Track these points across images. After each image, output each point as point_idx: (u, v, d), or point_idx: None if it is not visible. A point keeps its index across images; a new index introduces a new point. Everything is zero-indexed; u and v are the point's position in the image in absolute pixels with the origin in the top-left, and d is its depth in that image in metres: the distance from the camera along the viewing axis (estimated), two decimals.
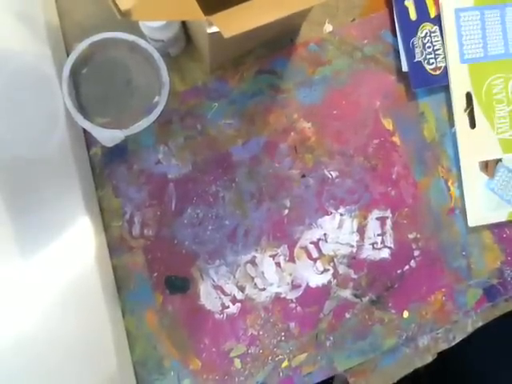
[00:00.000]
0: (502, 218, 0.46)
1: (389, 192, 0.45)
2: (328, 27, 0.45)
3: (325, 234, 0.45)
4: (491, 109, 0.45)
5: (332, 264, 0.45)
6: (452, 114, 0.46)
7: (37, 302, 0.32)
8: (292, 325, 0.44)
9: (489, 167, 0.46)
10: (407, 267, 0.45)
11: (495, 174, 0.46)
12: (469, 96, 0.45)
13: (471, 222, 0.45)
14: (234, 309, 0.44)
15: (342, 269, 0.45)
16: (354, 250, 0.45)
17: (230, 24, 0.29)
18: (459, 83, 0.45)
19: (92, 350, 0.37)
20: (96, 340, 0.38)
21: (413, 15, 0.45)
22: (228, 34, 0.29)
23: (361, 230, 0.45)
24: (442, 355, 0.46)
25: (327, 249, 0.45)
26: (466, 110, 0.45)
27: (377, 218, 0.45)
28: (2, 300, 0.28)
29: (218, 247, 0.44)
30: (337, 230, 0.45)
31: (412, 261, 0.45)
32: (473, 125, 0.45)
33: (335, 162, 0.45)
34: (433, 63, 0.45)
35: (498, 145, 0.45)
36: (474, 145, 0.45)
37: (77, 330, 0.35)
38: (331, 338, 0.44)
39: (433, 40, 0.45)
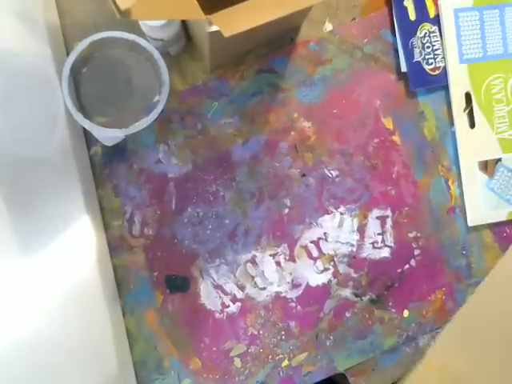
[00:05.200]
0: (501, 217, 0.46)
1: (389, 191, 0.45)
2: (328, 26, 0.45)
3: (325, 233, 0.45)
4: (490, 109, 0.45)
5: (332, 263, 0.45)
6: (452, 114, 0.46)
7: (37, 301, 0.32)
8: (292, 324, 0.44)
9: (488, 167, 0.46)
10: (407, 266, 0.45)
11: (495, 174, 0.46)
12: (468, 96, 0.45)
13: (471, 222, 0.45)
14: (234, 308, 0.44)
15: (342, 268, 0.45)
16: (355, 249, 0.45)
17: (230, 23, 0.29)
18: (458, 83, 0.45)
19: (92, 350, 0.37)
20: (96, 339, 0.38)
21: (412, 15, 0.45)
22: (228, 33, 0.29)
23: (361, 229, 0.45)
24: None
25: (327, 248, 0.45)
26: (465, 110, 0.45)
27: (377, 217, 0.45)
28: (2, 300, 0.28)
29: (218, 246, 0.44)
30: (337, 229, 0.45)
31: (412, 260, 0.45)
32: (472, 125, 0.45)
33: (335, 161, 0.45)
34: (432, 63, 0.45)
35: (497, 144, 0.45)
36: (474, 145, 0.45)
37: (77, 330, 0.35)
38: (331, 338, 0.44)
39: (432, 40, 0.45)
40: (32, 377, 0.30)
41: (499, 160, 0.46)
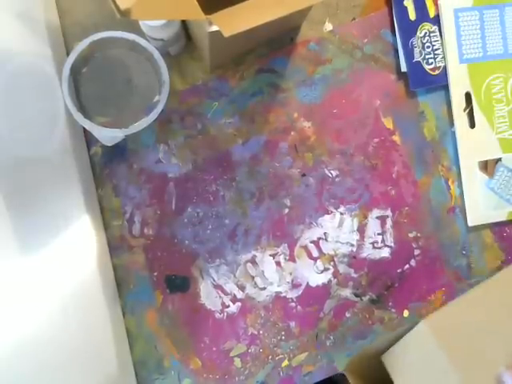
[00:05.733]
0: (501, 217, 0.46)
1: (389, 191, 0.45)
2: (328, 26, 0.45)
3: (325, 233, 0.45)
4: (490, 108, 0.45)
5: (332, 263, 0.45)
6: (452, 114, 0.46)
7: (37, 301, 0.32)
8: (292, 324, 0.44)
9: (488, 167, 0.46)
10: (407, 266, 0.45)
11: (495, 174, 0.46)
12: (468, 96, 0.45)
13: (471, 222, 0.45)
14: (234, 308, 0.44)
15: (342, 268, 0.45)
16: (355, 249, 0.45)
17: (230, 23, 0.29)
18: (458, 83, 0.45)
19: (92, 350, 0.37)
20: (96, 339, 0.38)
21: (412, 15, 0.45)
22: (228, 33, 0.29)
23: (361, 229, 0.45)
24: None
25: (327, 248, 0.45)
26: (465, 110, 0.45)
27: (377, 217, 0.45)
28: (2, 299, 0.28)
29: (218, 246, 0.44)
30: (337, 229, 0.45)
31: (412, 260, 0.45)
32: (472, 125, 0.45)
33: (335, 161, 0.45)
34: (432, 63, 0.45)
35: (497, 144, 0.45)
36: (474, 144, 0.45)
37: (77, 330, 0.35)
38: (331, 338, 0.44)
39: (432, 40, 0.45)
40: (33, 377, 0.30)
41: (499, 160, 0.46)
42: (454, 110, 0.45)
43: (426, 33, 0.45)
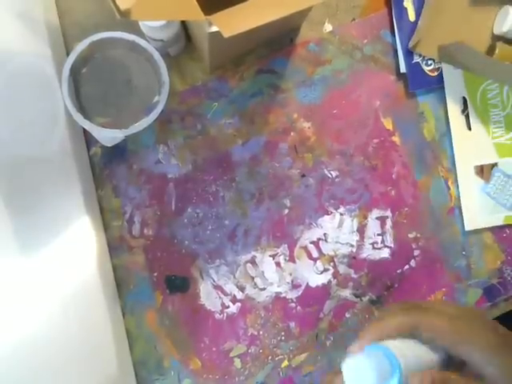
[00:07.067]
0: (498, 221, 0.46)
1: (389, 191, 0.45)
2: (328, 27, 0.45)
3: (325, 234, 0.45)
4: (486, 113, 0.45)
5: (332, 264, 0.45)
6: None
7: (37, 301, 0.32)
8: (292, 324, 0.44)
9: (484, 171, 0.46)
10: (407, 267, 0.45)
11: (491, 178, 0.46)
12: (464, 100, 0.45)
13: (468, 226, 0.45)
14: (234, 308, 0.44)
15: (342, 268, 0.45)
16: (354, 249, 0.45)
17: (229, 24, 0.29)
18: (454, 88, 0.45)
19: (92, 350, 0.37)
20: (96, 340, 0.38)
21: (412, 16, 0.45)
22: (228, 34, 0.29)
23: (361, 230, 0.45)
24: None
25: (327, 248, 0.45)
26: (463, 113, 0.45)
27: (377, 218, 0.45)
28: (2, 301, 0.28)
29: (218, 247, 0.44)
30: (337, 230, 0.45)
31: (412, 260, 0.45)
32: (468, 129, 0.45)
33: (335, 161, 0.45)
34: (431, 64, 0.45)
35: (493, 149, 0.45)
36: (470, 149, 0.45)
37: (77, 330, 0.35)
38: (331, 338, 0.44)
39: None
40: (33, 377, 0.30)
41: (495, 165, 0.46)
42: (450, 115, 0.45)
43: None
